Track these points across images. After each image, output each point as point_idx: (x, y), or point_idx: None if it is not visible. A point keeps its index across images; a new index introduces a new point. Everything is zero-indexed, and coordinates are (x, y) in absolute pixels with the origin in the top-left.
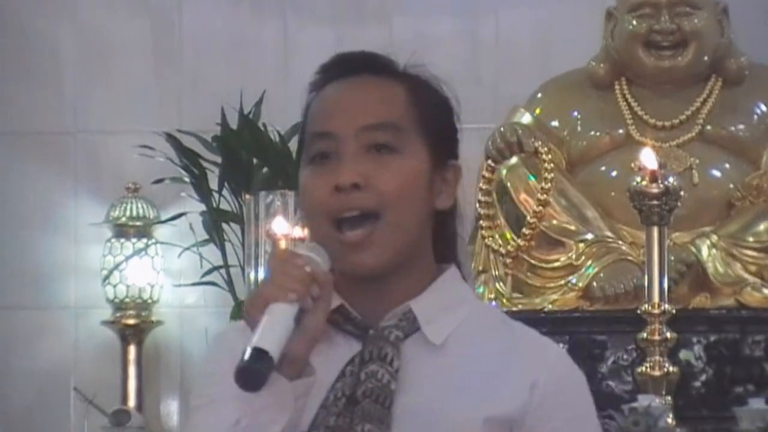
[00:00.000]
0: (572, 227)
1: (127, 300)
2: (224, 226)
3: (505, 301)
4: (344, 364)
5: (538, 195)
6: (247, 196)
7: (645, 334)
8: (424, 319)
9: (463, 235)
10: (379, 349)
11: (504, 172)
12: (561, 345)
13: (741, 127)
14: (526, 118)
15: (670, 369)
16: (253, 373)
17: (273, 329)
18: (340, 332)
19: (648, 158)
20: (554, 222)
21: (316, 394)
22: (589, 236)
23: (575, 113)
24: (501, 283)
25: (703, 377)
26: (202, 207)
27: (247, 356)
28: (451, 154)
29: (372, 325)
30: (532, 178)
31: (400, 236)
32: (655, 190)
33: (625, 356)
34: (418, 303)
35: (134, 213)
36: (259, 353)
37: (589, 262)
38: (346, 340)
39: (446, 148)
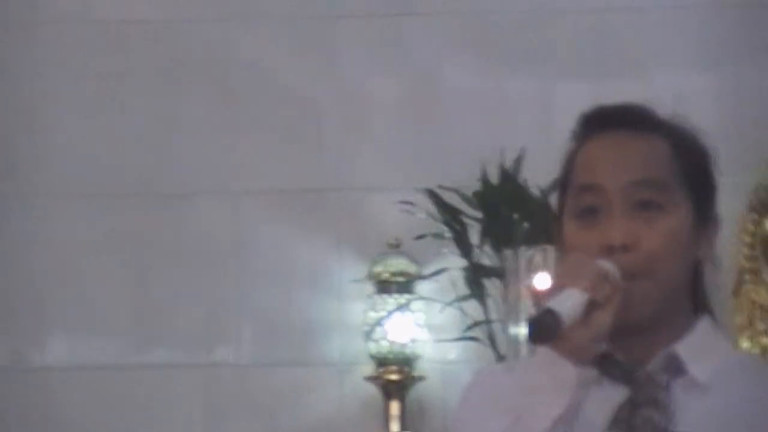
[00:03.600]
0: None
1: (390, 356)
2: (485, 281)
3: None
4: (613, 407)
5: None
6: (508, 251)
7: None
8: (688, 359)
9: (720, 285)
10: (650, 393)
11: None
12: None
13: None
14: None
15: None
16: (543, 324)
17: (563, 301)
18: (605, 376)
19: None
20: None
21: None
22: None
23: None
24: (767, 338)
25: None
26: (462, 262)
27: (538, 313)
28: (711, 206)
29: (636, 369)
30: None
31: (664, 292)
32: None
33: None
34: (681, 346)
35: (396, 269)
36: (549, 311)
37: None
38: (612, 383)
39: (707, 201)
